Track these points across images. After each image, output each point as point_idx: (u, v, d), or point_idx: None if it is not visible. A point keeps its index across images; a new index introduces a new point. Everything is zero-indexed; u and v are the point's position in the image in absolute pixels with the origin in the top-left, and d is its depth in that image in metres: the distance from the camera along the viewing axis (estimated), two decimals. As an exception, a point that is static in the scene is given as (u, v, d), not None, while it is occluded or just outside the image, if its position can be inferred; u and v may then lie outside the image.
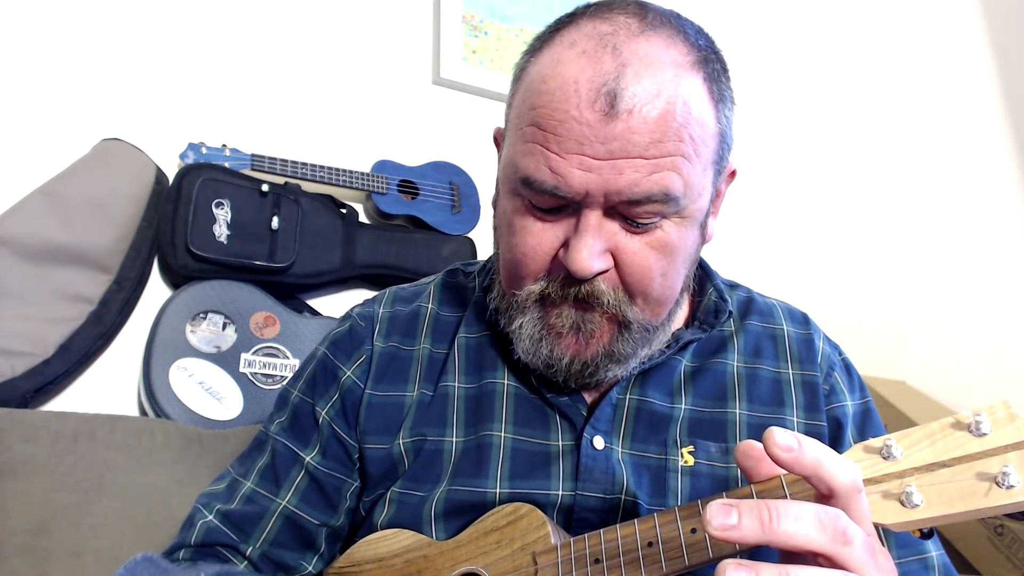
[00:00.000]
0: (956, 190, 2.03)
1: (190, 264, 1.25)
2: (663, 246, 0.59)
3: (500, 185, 0.67)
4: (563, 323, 0.62)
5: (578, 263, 0.57)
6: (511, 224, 0.63)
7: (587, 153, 0.55)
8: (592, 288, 0.60)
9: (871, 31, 2.18)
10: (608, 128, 0.55)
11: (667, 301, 0.63)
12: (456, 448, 0.68)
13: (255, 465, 0.74)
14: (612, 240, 0.59)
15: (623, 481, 0.64)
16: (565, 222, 0.60)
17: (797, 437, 0.40)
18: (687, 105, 0.56)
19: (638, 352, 0.64)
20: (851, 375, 0.74)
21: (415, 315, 0.77)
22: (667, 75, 0.56)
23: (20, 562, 0.93)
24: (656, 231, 0.59)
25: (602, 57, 0.56)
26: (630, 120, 0.55)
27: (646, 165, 0.55)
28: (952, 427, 0.43)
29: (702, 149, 0.58)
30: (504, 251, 0.66)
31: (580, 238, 0.58)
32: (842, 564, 0.38)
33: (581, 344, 0.63)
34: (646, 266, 0.60)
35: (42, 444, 1.00)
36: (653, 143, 0.55)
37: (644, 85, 0.55)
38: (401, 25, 1.64)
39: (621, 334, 0.62)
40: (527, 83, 0.61)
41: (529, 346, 0.64)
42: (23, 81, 1.24)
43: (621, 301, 0.61)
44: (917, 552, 0.65)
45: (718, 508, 0.39)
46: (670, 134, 0.56)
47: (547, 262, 0.61)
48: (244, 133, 1.41)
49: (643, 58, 0.56)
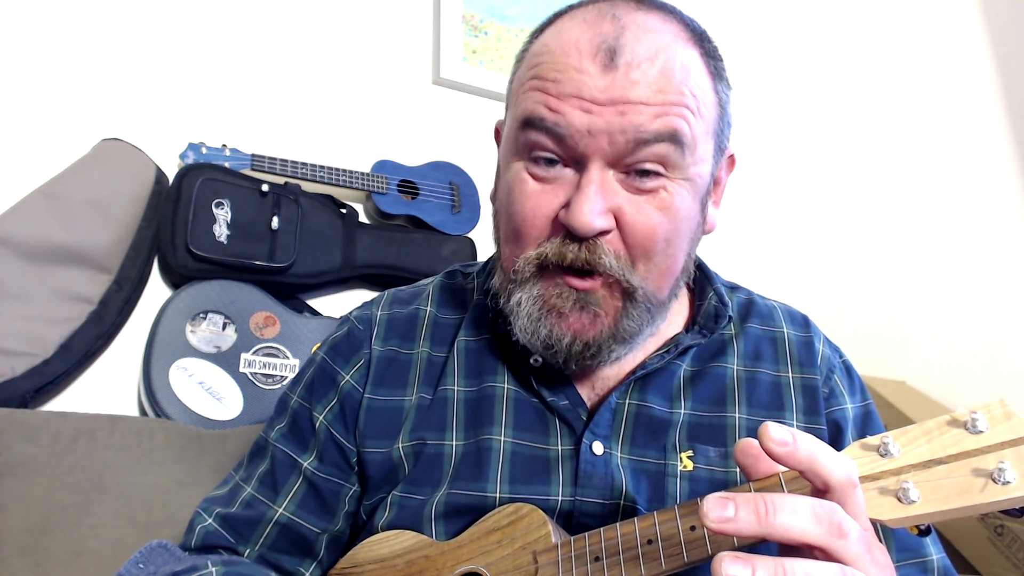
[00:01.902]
0: (956, 191, 2.03)
1: (190, 264, 1.25)
2: (667, 207, 0.59)
3: (501, 162, 0.66)
4: (564, 303, 0.61)
5: (579, 218, 0.56)
6: (511, 191, 0.62)
7: (586, 97, 0.56)
8: (593, 252, 0.58)
9: (871, 34, 2.19)
10: (608, 78, 0.56)
11: (668, 272, 0.62)
12: (456, 452, 0.67)
13: (256, 471, 0.74)
14: (614, 200, 0.58)
15: (622, 486, 0.63)
16: (567, 184, 0.59)
17: (792, 432, 0.41)
18: (686, 67, 0.58)
19: (643, 330, 0.63)
20: (851, 378, 0.73)
21: (413, 318, 0.76)
22: (665, 39, 0.58)
23: (20, 562, 0.93)
24: (660, 192, 0.59)
25: (602, 23, 0.58)
26: (630, 72, 0.56)
27: (650, 110, 0.56)
28: (949, 425, 0.43)
29: (704, 110, 0.59)
30: (505, 222, 0.64)
31: (582, 193, 0.57)
32: (838, 557, 0.39)
33: (584, 323, 0.61)
34: (650, 227, 0.59)
35: (42, 444, 1.00)
36: (655, 92, 0.56)
37: (644, 44, 0.57)
38: (401, 25, 1.64)
39: (626, 308, 0.61)
40: (529, 56, 0.62)
41: (527, 324, 0.62)
42: (23, 81, 1.25)
43: (624, 267, 0.59)
44: (917, 555, 0.65)
45: (715, 501, 0.39)
46: (671, 87, 0.57)
47: (547, 225, 0.60)
48: (244, 133, 1.41)
49: (641, 25, 0.58)
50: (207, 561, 0.65)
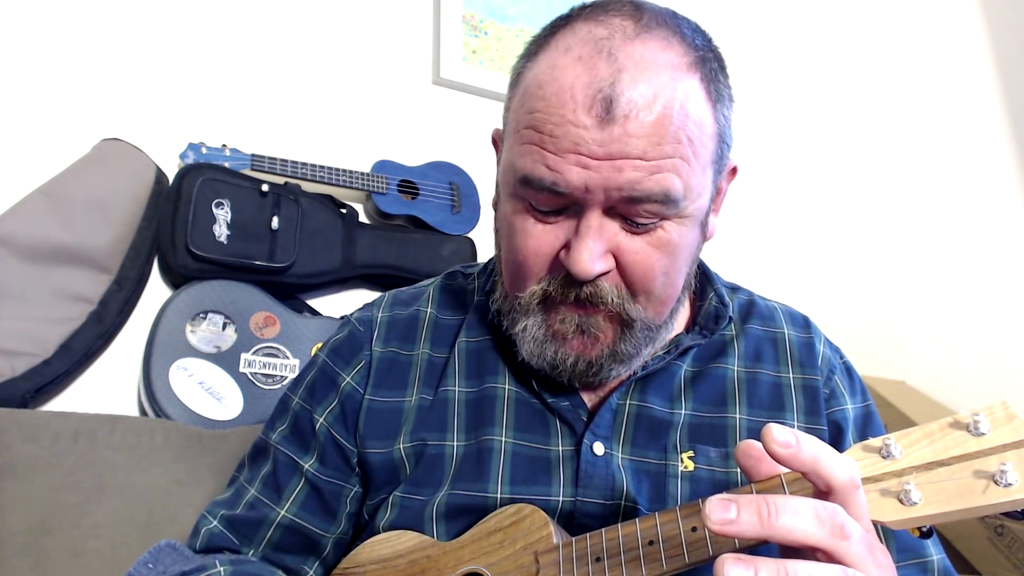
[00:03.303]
0: (956, 192, 2.03)
1: (190, 264, 1.25)
2: (664, 245, 0.59)
3: (500, 188, 0.67)
4: (567, 327, 0.62)
5: (579, 265, 0.57)
6: (511, 226, 0.63)
7: (583, 152, 0.56)
8: (595, 288, 0.60)
9: (872, 37, 2.19)
10: (605, 132, 0.55)
11: (669, 300, 0.64)
12: (457, 452, 0.68)
13: (259, 472, 0.75)
14: (613, 241, 0.59)
15: (623, 487, 0.64)
16: (566, 224, 0.60)
17: (795, 433, 0.41)
18: (684, 108, 0.56)
19: (641, 352, 0.64)
20: (852, 378, 0.73)
21: (414, 319, 0.77)
22: (663, 79, 0.56)
23: (20, 562, 0.93)
24: (657, 231, 0.59)
25: (597, 63, 0.56)
26: (627, 125, 0.55)
27: (646, 166, 0.55)
28: (951, 427, 0.44)
29: (701, 151, 0.58)
30: (505, 253, 0.66)
31: (581, 240, 0.58)
32: (840, 559, 0.39)
33: (586, 345, 0.63)
34: (648, 265, 0.60)
35: (42, 444, 1.00)
36: (651, 146, 0.55)
37: (640, 90, 0.55)
38: (401, 25, 1.64)
39: (624, 334, 0.62)
40: (524, 88, 0.61)
41: (533, 348, 0.64)
42: (23, 81, 1.25)
43: (624, 299, 0.61)
44: (918, 556, 0.65)
45: (717, 503, 0.39)
46: (668, 137, 0.55)
47: (548, 263, 0.61)
48: (244, 133, 1.41)
49: (639, 62, 0.56)
50: (215, 560, 0.65)
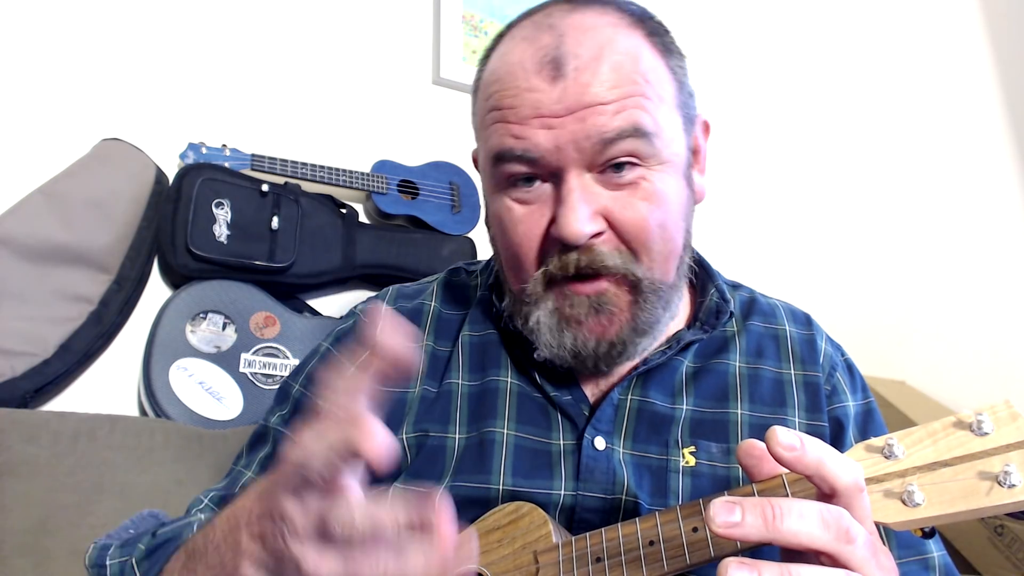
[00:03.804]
0: (956, 191, 2.03)
1: (190, 264, 1.25)
2: (651, 195, 0.60)
3: (486, 195, 0.68)
4: (579, 310, 0.62)
5: (567, 227, 0.58)
6: (501, 222, 0.64)
7: (545, 114, 0.57)
8: (592, 253, 0.60)
9: (874, 35, 2.19)
10: (559, 88, 0.57)
11: (671, 255, 0.63)
12: (459, 444, 0.68)
13: (257, 456, 0.74)
14: (599, 202, 0.59)
15: (624, 481, 0.64)
16: (549, 199, 0.61)
17: (800, 436, 0.40)
18: (633, 55, 0.59)
19: (661, 317, 0.64)
20: (853, 375, 0.74)
21: (418, 312, 0.77)
22: (606, 33, 0.58)
23: (20, 562, 0.93)
24: (641, 183, 0.60)
25: (540, 36, 0.59)
26: (579, 77, 0.56)
27: (608, 109, 0.57)
28: (954, 426, 0.43)
29: (661, 91, 0.60)
30: (502, 250, 0.66)
31: (565, 204, 0.58)
32: (845, 563, 0.38)
33: (603, 325, 0.62)
34: (641, 217, 0.60)
35: (42, 444, 1.00)
36: (608, 89, 0.57)
37: (586, 46, 0.57)
38: (401, 25, 1.64)
39: (637, 301, 0.62)
40: (481, 85, 0.64)
41: (551, 339, 0.63)
42: (23, 81, 1.24)
43: (626, 259, 0.60)
44: (919, 552, 0.65)
45: (721, 505, 0.39)
46: (623, 79, 0.57)
47: (541, 242, 0.62)
48: (244, 133, 1.41)
49: (579, 27, 0.59)
50: (195, 511, 0.67)
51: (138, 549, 0.62)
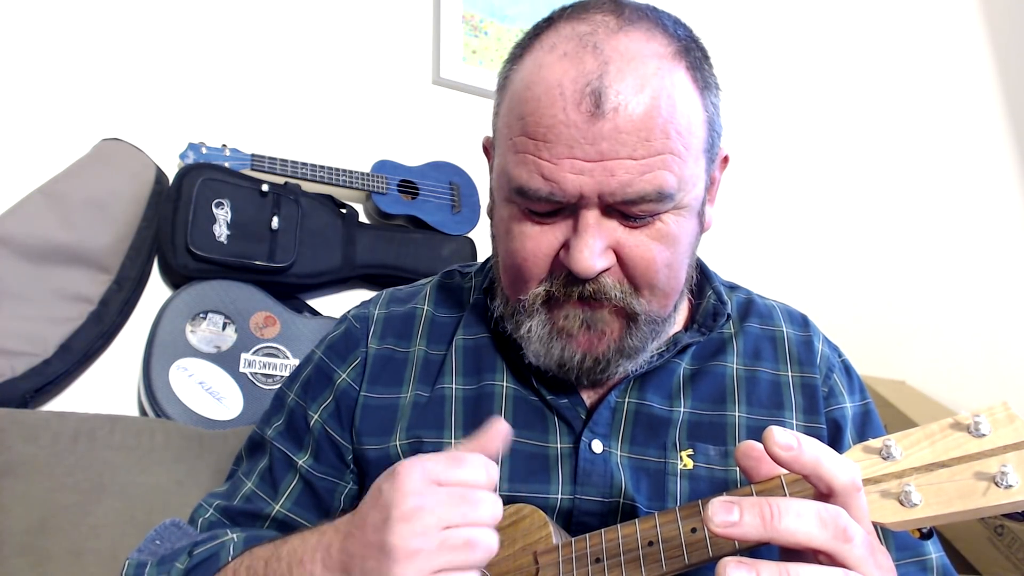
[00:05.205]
0: (956, 191, 2.03)
1: (190, 264, 1.25)
2: (664, 237, 0.59)
3: (495, 193, 0.67)
4: (572, 323, 0.62)
5: (580, 263, 0.57)
6: (509, 230, 0.63)
7: (578, 156, 0.56)
8: (597, 285, 0.60)
9: (873, 35, 2.19)
10: (596, 128, 0.55)
11: (673, 292, 0.64)
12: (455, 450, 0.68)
13: (257, 466, 0.75)
14: (612, 237, 0.59)
15: (622, 485, 0.64)
16: (563, 223, 0.60)
17: (797, 436, 0.41)
18: (672, 98, 0.57)
19: (648, 345, 0.64)
20: (851, 377, 0.74)
21: (410, 316, 0.77)
22: (650, 68, 0.56)
23: (20, 562, 0.93)
24: (655, 223, 0.59)
25: (584, 57, 0.56)
26: (616, 119, 0.55)
27: (636, 166, 0.56)
28: (951, 428, 0.43)
29: (691, 141, 0.59)
30: (504, 257, 0.66)
31: (580, 238, 0.58)
32: (842, 562, 0.39)
33: (592, 340, 0.62)
34: (650, 258, 0.60)
35: (42, 444, 1.00)
36: (641, 142, 0.55)
37: (628, 81, 0.55)
38: (401, 25, 1.64)
39: (630, 328, 0.62)
40: (512, 92, 0.61)
41: (539, 348, 0.64)
42: (23, 81, 1.24)
43: (627, 294, 0.61)
44: (916, 554, 0.65)
45: (720, 505, 0.39)
46: (657, 132, 0.56)
47: (548, 264, 0.61)
48: (244, 133, 1.41)
49: (624, 54, 0.56)
50: (226, 530, 0.66)
51: (176, 568, 0.63)
